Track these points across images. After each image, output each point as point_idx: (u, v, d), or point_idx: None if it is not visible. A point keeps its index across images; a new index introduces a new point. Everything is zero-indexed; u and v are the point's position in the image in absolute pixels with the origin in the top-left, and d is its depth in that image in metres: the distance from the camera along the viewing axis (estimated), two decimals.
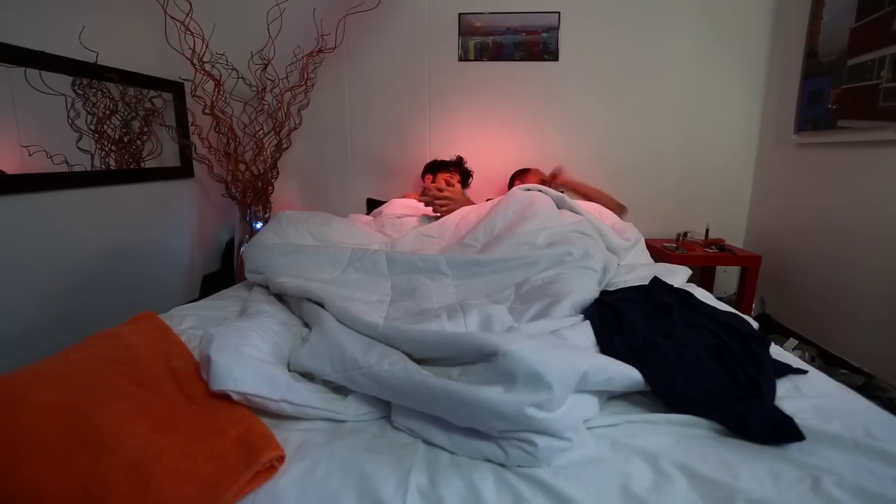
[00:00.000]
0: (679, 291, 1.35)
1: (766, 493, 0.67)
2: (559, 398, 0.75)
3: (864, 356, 1.91)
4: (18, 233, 1.63)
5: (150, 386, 0.87)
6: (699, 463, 0.73)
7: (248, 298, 1.34)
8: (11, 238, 1.61)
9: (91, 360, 0.95)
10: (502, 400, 0.72)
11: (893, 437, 0.78)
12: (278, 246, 1.51)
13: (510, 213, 1.71)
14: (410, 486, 0.68)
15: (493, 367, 0.77)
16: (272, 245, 1.51)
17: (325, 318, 1.07)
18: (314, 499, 0.67)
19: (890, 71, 1.76)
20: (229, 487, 0.66)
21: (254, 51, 2.31)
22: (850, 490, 0.67)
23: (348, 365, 0.89)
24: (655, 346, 0.97)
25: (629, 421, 0.85)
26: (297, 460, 0.73)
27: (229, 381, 0.79)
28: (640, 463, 0.73)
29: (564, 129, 2.55)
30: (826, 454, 0.74)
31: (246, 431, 0.75)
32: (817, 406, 0.90)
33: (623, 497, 0.67)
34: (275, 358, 0.94)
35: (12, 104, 1.69)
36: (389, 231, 1.98)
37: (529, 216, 1.65)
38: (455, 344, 0.85)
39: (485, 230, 1.67)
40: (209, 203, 2.56)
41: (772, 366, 0.99)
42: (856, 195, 1.94)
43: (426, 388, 0.77)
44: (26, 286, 1.66)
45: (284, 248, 1.50)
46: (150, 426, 0.76)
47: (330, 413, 0.83)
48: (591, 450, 0.75)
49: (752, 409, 0.81)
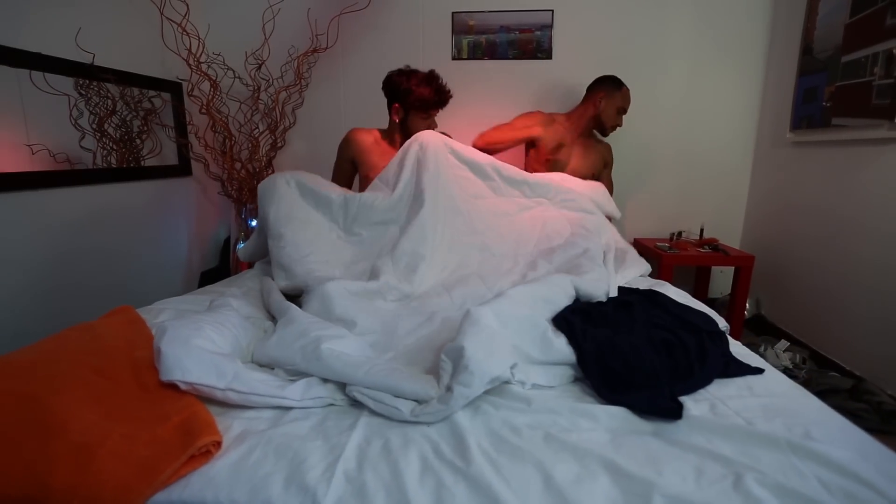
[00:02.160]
0: (646, 292, 1.36)
1: (684, 489, 0.67)
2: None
3: (857, 359, 1.87)
4: (20, 229, 1.69)
5: (108, 375, 0.90)
6: (626, 459, 0.73)
7: (223, 293, 1.38)
8: (13, 234, 1.67)
9: (59, 351, 0.99)
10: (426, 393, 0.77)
11: (831, 439, 0.78)
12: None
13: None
14: (337, 472, 0.70)
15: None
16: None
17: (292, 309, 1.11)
18: (245, 482, 0.70)
19: (883, 67, 1.73)
20: (164, 470, 0.70)
21: (249, 51, 2.36)
22: (771, 487, 0.67)
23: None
24: (594, 337, 1.00)
25: (573, 410, 0.87)
26: (235, 446, 0.76)
27: (177, 371, 0.83)
28: (568, 457, 0.74)
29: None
30: (757, 453, 0.75)
31: (188, 418, 0.78)
32: (765, 405, 0.90)
33: (544, 490, 0.68)
34: (231, 349, 0.97)
35: (21, 104, 1.77)
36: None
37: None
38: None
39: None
40: (207, 201, 2.62)
41: (718, 362, 1.01)
42: (849, 195, 1.91)
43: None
44: (26, 281, 1.72)
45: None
46: (100, 412, 0.80)
47: (276, 400, 0.86)
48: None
49: (656, 394, 0.87)
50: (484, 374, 0.86)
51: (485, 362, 0.87)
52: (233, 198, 2.46)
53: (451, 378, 0.86)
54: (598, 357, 0.97)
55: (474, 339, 0.91)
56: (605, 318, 1.20)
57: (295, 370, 0.95)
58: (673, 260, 2.25)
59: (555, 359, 0.99)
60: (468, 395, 0.84)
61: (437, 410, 0.82)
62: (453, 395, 0.83)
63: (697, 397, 0.93)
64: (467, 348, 0.87)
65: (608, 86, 2.22)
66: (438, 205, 1.65)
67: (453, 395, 0.83)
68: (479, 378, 0.85)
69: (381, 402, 0.85)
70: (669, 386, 0.92)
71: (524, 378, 0.95)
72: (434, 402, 0.84)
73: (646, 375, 0.94)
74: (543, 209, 1.84)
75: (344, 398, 0.90)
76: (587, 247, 1.53)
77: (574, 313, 1.16)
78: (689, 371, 0.99)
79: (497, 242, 1.68)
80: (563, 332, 1.06)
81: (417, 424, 0.82)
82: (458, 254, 1.62)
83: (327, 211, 1.66)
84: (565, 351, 1.00)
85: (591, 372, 0.95)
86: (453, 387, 0.84)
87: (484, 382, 0.86)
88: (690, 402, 0.91)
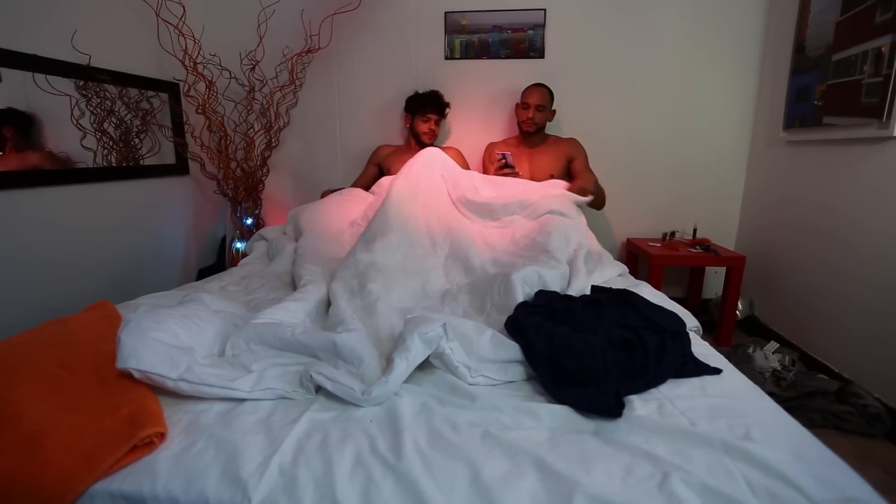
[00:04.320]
0: (619, 291, 1.36)
1: (608, 488, 0.68)
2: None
3: (846, 362, 1.84)
4: (21, 226, 1.75)
5: (71, 368, 0.94)
6: (558, 458, 0.74)
7: (200, 287, 1.41)
8: (15, 230, 1.72)
9: (31, 344, 1.03)
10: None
11: (771, 440, 0.78)
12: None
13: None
14: (272, 465, 0.72)
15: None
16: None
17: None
18: (183, 473, 0.72)
19: (872, 65, 1.69)
20: (106, 459, 0.72)
21: (244, 52, 2.40)
22: (695, 487, 0.67)
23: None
24: (549, 334, 1.01)
25: (517, 408, 0.88)
26: (180, 438, 0.79)
27: (132, 360, 0.86)
28: (501, 455, 0.75)
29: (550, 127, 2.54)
30: (691, 453, 0.75)
31: (137, 410, 0.81)
32: (714, 405, 0.90)
33: (470, 486, 0.69)
34: (193, 342, 1.00)
35: (27, 106, 1.83)
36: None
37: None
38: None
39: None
40: (205, 199, 2.67)
41: (675, 361, 1.01)
42: (840, 194, 1.87)
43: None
44: (26, 278, 1.77)
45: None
46: (56, 404, 0.83)
47: (226, 391, 0.88)
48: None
49: (600, 393, 0.87)
50: (417, 343, 0.95)
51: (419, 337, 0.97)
52: (228, 196, 2.51)
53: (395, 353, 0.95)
54: (549, 355, 0.97)
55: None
56: (572, 315, 1.20)
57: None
58: (663, 260, 2.24)
59: (505, 356, 1.00)
60: (410, 359, 0.93)
61: (381, 384, 0.88)
62: (393, 365, 0.91)
63: (648, 397, 0.93)
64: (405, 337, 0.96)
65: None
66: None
67: (393, 365, 0.91)
68: (415, 343, 0.95)
69: (336, 382, 0.89)
70: (620, 385, 0.92)
71: (476, 371, 0.97)
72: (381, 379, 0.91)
73: (597, 374, 0.94)
74: (516, 226, 1.88)
75: (296, 391, 0.92)
76: (545, 245, 1.57)
77: (536, 309, 1.16)
78: (644, 370, 0.99)
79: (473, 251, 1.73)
80: (518, 329, 1.07)
81: (361, 421, 0.84)
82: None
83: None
84: (515, 348, 1.00)
85: (541, 370, 0.96)
86: (393, 358, 0.92)
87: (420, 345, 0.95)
88: (639, 402, 0.91)
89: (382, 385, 0.87)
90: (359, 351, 0.99)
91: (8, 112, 1.78)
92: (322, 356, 1.02)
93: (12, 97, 1.78)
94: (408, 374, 0.93)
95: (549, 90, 2.33)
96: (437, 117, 2.42)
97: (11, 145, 1.79)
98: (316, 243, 1.78)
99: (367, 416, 0.85)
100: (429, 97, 2.42)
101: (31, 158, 1.86)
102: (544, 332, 1.06)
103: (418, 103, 2.41)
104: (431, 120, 2.41)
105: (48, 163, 1.91)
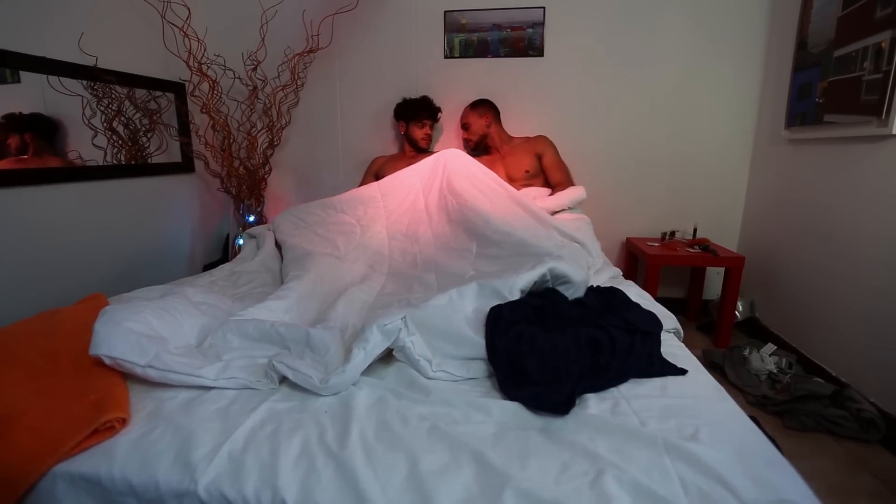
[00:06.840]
0: (604, 290, 1.35)
1: (539, 483, 0.69)
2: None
3: (843, 365, 1.80)
4: (33, 222, 1.82)
5: (52, 357, 0.99)
6: (499, 453, 0.75)
7: (189, 282, 1.46)
8: (27, 226, 1.80)
9: (20, 333, 1.09)
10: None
11: (716, 441, 0.78)
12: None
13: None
14: (221, 452, 0.75)
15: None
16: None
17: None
18: (139, 457, 0.76)
19: (872, 62, 1.65)
20: (67, 443, 0.77)
21: (246, 52, 2.45)
22: (627, 485, 0.68)
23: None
24: (518, 333, 1.01)
25: (469, 403, 0.89)
26: (141, 424, 0.83)
27: (103, 347, 0.91)
28: (443, 449, 0.77)
29: (550, 125, 2.53)
30: (631, 451, 0.75)
31: (104, 396, 0.85)
32: (669, 405, 0.90)
33: (406, 478, 0.71)
34: (169, 333, 1.04)
35: (44, 106, 1.92)
36: None
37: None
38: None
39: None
40: (210, 197, 2.74)
41: (639, 361, 1.01)
42: (841, 194, 1.82)
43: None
44: (36, 272, 1.84)
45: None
46: (32, 390, 0.89)
47: (192, 378, 0.92)
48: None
49: (551, 390, 0.89)
50: (375, 334, 0.98)
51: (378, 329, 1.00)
52: (231, 194, 2.57)
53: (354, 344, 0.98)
54: (509, 354, 0.98)
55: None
56: (556, 315, 1.19)
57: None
58: (660, 260, 2.21)
59: (468, 353, 1.02)
60: (368, 350, 0.96)
61: (338, 373, 0.92)
62: (352, 355, 0.95)
63: (605, 396, 0.94)
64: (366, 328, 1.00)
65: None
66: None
67: (352, 355, 0.95)
68: (374, 334, 0.99)
69: (297, 371, 0.93)
70: (578, 383, 0.93)
71: (438, 367, 0.99)
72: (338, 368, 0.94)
73: (557, 374, 0.95)
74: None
75: (260, 381, 0.95)
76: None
77: (526, 304, 1.16)
78: (606, 370, 0.99)
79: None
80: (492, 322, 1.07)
81: (317, 412, 0.86)
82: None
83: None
84: (479, 345, 1.02)
85: (500, 367, 0.97)
86: (352, 349, 0.96)
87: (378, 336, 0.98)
88: (595, 401, 0.92)
89: (339, 374, 0.90)
90: (327, 341, 1.02)
91: (33, 117, 1.87)
92: (293, 347, 1.05)
93: (33, 101, 1.86)
94: (366, 364, 0.96)
95: (472, 105, 2.46)
96: (431, 122, 2.47)
97: (32, 151, 1.88)
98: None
99: (323, 408, 0.87)
100: (422, 103, 2.46)
101: (50, 164, 1.94)
102: (514, 330, 1.06)
103: (412, 110, 2.45)
104: (427, 125, 2.46)
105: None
